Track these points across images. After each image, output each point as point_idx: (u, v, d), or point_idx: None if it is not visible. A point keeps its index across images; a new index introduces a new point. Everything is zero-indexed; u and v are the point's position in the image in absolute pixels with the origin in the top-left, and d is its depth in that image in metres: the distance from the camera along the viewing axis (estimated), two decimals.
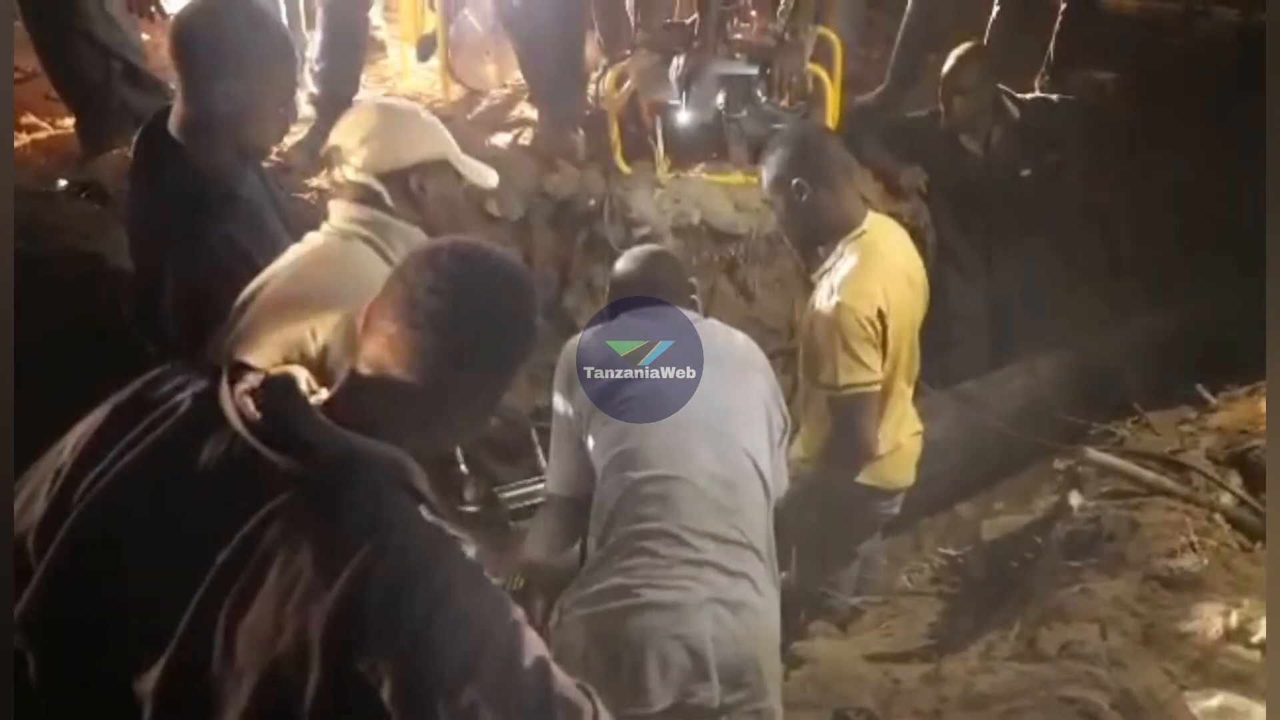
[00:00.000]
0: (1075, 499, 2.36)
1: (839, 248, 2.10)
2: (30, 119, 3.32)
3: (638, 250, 2.02)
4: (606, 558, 1.63)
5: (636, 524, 1.61)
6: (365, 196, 1.56)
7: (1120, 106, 3.96)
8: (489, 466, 2.44)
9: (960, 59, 3.22)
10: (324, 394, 1.03)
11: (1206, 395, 2.76)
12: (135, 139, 1.88)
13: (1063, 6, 4.00)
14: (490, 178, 1.70)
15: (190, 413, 0.98)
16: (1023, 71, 3.78)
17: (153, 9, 3.07)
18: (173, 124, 1.76)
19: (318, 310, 1.45)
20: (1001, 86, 3.42)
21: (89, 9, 2.88)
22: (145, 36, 3.33)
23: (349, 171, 1.55)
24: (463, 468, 2.37)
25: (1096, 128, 3.62)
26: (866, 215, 2.15)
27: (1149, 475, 2.30)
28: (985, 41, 3.64)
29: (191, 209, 1.67)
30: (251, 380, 0.98)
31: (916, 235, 3.18)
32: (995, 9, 3.83)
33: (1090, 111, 3.40)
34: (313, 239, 1.61)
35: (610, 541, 1.63)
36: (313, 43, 3.28)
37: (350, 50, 3.21)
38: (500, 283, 1.06)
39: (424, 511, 0.96)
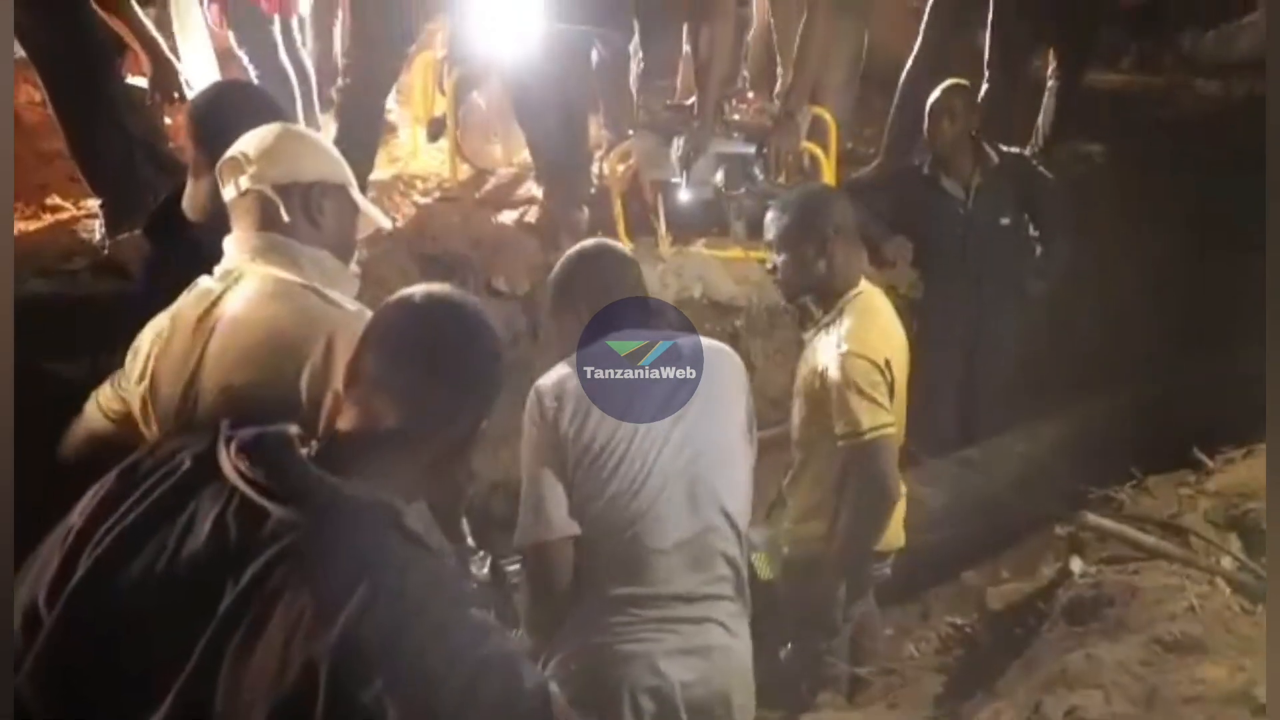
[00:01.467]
0: (1076, 564, 2.38)
1: (839, 305, 2.15)
2: (55, 200, 3.44)
3: (583, 247, 1.83)
4: (583, 618, 1.68)
5: (611, 588, 1.65)
6: (261, 215, 1.49)
7: (1108, 176, 4.08)
8: (495, 541, 2.47)
9: (948, 89, 3.25)
10: (314, 446, 1.09)
11: (1203, 458, 2.79)
12: (149, 216, 1.92)
13: (1050, 82, 4.15)
14: (384, 221, 1.68)
15: (190, 471, 1.03)
16: (1013, 144, 3.89)
17: (175, 95, 3.19)
18: (185, 202, 1.83)
19: (284, 353, 1.41)
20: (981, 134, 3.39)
21: (116, 97, 3.01)
22: (168, 120, 3.47)
23: (245, 181, 1.49)
24: (469, 541, 2.39)
25: (1083, 194, 3.70)
26: (861, 278, 2.21)
27: (1149, 540, 2.33)
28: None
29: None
30: (246, 437, 1.04)
31: (912, 305, 3.24)
32: (985, 86, 3.97)
33: (1072, 184, 3.44)
34: (213, 287, 1.49)
35: (587, 600, 1.67)
36: (329, 128, 3.40)
37: (367, 135, 3.33)
38: (466, 323, 1.14)
39: (418, 549, 1.01)
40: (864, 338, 2.07)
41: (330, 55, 4.51)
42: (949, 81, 3.30)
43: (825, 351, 2.11)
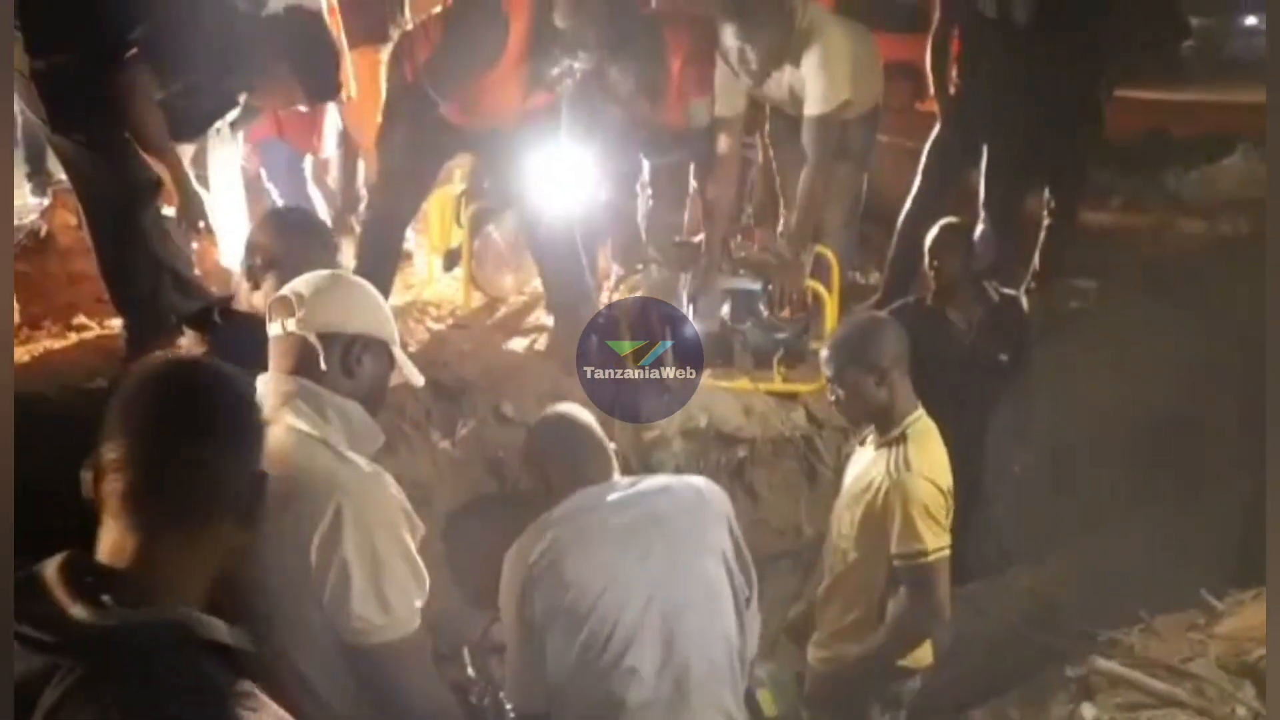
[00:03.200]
0: (1089, 711, 2.33)
1: (902, 427, 2.18)
2: (81, 319, 3.55)
3: (542, 419, 1.98)
4: None
5: None
6: (299, 359, 1.51)
7: (1101, 311, 4.18)
8: (496, 673, 2.44)
9: (945, 228, 3.31)
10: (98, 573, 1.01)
11: (1211, 601, 2.76)
12: (188, 315, 2.00)
13: (1045, 221, 4.31)
14: (418, 379, 1.70)
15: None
16: (1009, 282, 4.00)
17: (200, 225, 3.31)
18: (240, 302, 1.91)
19: (296, 517, 1.40)
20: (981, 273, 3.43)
21: (149, 226, 3.14)
22: (195, 245, 3.60)
23: (291, 323, 1.51)
24: (470, 671, 2.37)
25: (1077, 331, 3.77)
26: (918, 404, 2.25)
27: (1160, 687, 2.29)
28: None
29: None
30: (17, 578, 0.98)
31: None
32: (980, 225, 4.10)
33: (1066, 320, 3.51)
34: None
35: None
36: (347, 256, 3.52)
37: (385, 266, 3.45)
38: (201, 394, 1.10)
39: (217, 666, 0.96)
40: (931, 462, 2.13)
41: (353, 184, 4.71)
42: (945, 220, 3.38)
43: (888, 470, 2.14)
